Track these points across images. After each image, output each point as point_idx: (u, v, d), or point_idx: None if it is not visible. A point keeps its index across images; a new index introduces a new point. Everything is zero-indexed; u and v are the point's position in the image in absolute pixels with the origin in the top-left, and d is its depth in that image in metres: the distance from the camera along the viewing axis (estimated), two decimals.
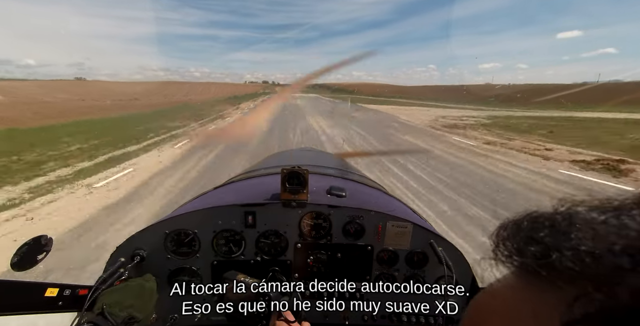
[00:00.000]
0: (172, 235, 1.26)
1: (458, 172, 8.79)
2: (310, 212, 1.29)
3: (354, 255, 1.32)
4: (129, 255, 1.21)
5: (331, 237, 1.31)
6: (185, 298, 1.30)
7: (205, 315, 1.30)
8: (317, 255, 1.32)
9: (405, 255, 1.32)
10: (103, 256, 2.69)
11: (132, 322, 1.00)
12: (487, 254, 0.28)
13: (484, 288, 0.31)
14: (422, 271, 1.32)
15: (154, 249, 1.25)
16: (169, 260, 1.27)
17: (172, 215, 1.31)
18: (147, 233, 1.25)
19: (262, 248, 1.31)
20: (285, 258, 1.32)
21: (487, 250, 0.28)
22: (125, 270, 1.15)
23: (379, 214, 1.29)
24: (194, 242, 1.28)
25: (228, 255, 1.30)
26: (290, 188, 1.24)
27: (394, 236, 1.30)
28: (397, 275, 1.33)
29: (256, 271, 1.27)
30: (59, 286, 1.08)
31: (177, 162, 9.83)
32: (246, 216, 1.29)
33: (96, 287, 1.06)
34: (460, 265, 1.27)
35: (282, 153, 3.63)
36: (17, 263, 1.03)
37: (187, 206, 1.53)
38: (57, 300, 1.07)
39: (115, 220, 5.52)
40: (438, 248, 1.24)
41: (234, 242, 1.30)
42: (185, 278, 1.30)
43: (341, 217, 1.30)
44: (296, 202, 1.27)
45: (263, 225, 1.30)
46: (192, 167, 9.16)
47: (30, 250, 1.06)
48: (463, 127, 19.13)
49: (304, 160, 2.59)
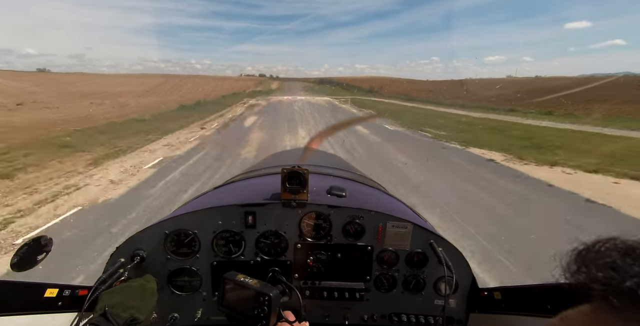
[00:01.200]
0: (172, 235, 1.26)
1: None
2: (311, 212, 1.29)
3: (354, 256, 1.32)
4: (128, 256, 1.21)
5: (331, 237, 1.31)
6: (185, 298, 1.30)
7: (205, 315, 1.30)
8: (317, 255, 1.32)
9: (406, 256, 1.31)
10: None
11: (134, 323, 1.00)
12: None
13: (557, 317, 0.29)
14: (422, 271, 1.32)
15: (154, 249, 1.25)
16: (168, 260, 1.27)
17: (171, 216, 1.31)
18: (147, 233, 1.25)
19: (262, 248, 1.31)
20: (285, 259, 1.32)
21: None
22: (125, 271, 1.15)
23: (379, 214, 1.29)
24: (193, 242, 1.28)
25: (228, 256, 1.30)
26: (290, 188, 1.24)
27: (394, 236, 1.30)
28: (397, 276, 1.33)
29: (256, 272, 1.27)
30: (59, 287, 1.08)
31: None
32: (246, 216, 1.28)
33: (96, 287, 1.06)
34: (460, 266, 1.26)
35: (282, 153, 3.63)
36: (17, 263, 1.03)
37: (187, 206, 1.53)
38: (57, 300, 1.07)
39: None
40: (438, 249, 1.24)
41: (234, 242, 1.30)
42: (185, 279, 1.30)
43: (341, 217, 1.29)
44: (296, 202, 1.27)
45: (263, 225, 1.30)
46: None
47: (30, 251, 1.06)
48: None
49: (304, 160, 2.59)
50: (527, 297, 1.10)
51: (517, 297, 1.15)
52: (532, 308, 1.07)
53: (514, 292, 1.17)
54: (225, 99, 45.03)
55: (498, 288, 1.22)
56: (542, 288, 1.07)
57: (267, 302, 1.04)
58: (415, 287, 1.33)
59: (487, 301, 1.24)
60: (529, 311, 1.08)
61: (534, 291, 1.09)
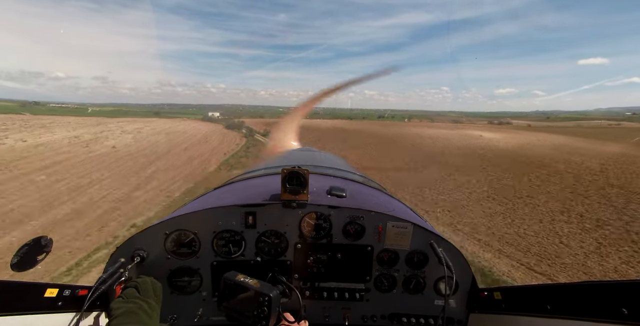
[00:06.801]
0: (172, 235, 1.26)
1: None
2: (311, 212, 1.29)
3: (354, 256, 1.32)
4: (129, 256, 1.21)
5: (331, 237, 1.31)
6: (185, 298, 1.30)
7: (205, 315, 1.30)
8: (317, 255, 1.32)
9: (406, 256, 1.31)
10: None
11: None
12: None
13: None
14: (422, 271, 1.32)
15: (154, 249, 1.25)
16: (169, 260, 1.27)
17: (172, 216, 1.31)
18: (147, 233, 1.25)
19: (262, 248, 1.31)
20: (285, 259, 1.32)
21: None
22: (125, 271, 1.15)
23: (379, 214, 1.29)
24: (194, 242, 1.28)
25: (228, 256, 1.30)
26: (290, 188, 1.24)
27: (394, 236, 1.30)
28: (397, 276, 1.33)
29: (256, 272, 1.26)
30: (59, 287, 1.08)
31: None
32: (246, 216, 1.28)
33: (96, 287, 1.06)
34: (460, 266, 1.27)
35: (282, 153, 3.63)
36: (17, 263, 1.03)
37: (187, 206, 1.53)
38: (57, 300, 1.06)
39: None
40: (438, 249, 1.24)
41: (234, 242, 1.30)
42: (185, 279, 1.30)
43: (341, 217, 1.29)
44: (296, 203, 1.26)
45: (263, 225, 1.29)
46: None
47: (30, 251, 1.06)
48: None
49: (304, 160, 2.59)
50: (527, 297, 1.10)
51: (517, 297, 1.15)
52: (532, 308, 1.07)
53: (514, 292, 1.17)
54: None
55: (498, 288, 1.22)
56: (542, 288, 1.07)
57: (267, 302, 1.04)
58: (416, 287, 1.33)
59: (487, 301, 1.24)
60: (529, 311, 1.08)
61: (534, 291, 1.09)
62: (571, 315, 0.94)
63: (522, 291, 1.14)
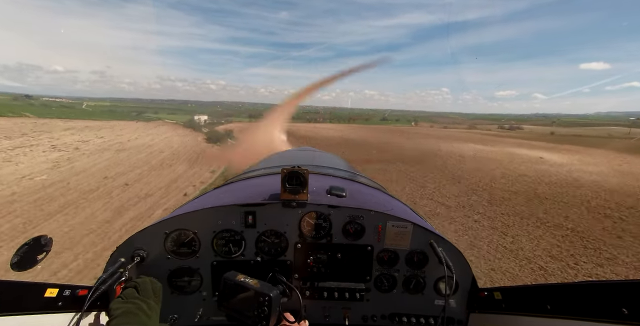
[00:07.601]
0: (172, 235, 1.26)
1: None
2: (311, 212, 1.29)
3: (354, 255, 1.32)
4: (129, 255, 1.21)
5: (331, 237, 1.31)
6: (185, 298, 1.30)
7: (205, 315, 1.30)
8: (317, 255, 1.32)
9: (406, 255, 1.31)
10: None
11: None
12: None
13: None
14: (422, 271, 1.32)
15: (154, 249, 1.25)
16: (169, 260, 1.27)
17: (172, 215, 1.30)
18: (147, 233, 1.25)
19: (262, 248, 1.31)
20: (285, 258, 1.32)
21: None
22: (125, 271, 1.14)
23: (379, 214, 1.29)
24: (194, 242, 1.28)
25: (228, 255, 1.30)
26: (290, 188, 1.24)
27: (394, 236, 1.30)
28: (397, 276, 1.33)
29: (256, 272, 1.26)
30: (59, 287, 1.08)
31: None
32: (246, 216, 1.28)
33: (96, 287, 1.05)
34: (460, 266, 1.26)
35: (282, 153, 3.63)
36: (17, 263, 1.03)
37: (187, 206, 1.53)
38: (57, 300, 1.06)
39: None
40: (438, 249, 1.24)
41: (234, 242, 1.30)
42: (185, 279, 1.30)
43: (341, 217, 1.29)
44: (296, 202, 1.26)
45: (263, 225, 1.29)
46: None
47: (30, 250, 1.06)
48: None
49: (304, 160, 2.59)
50: (527, 297, 1.10)
51: (517, 297, 1.15)
52: (532, 308, 1.07)
53: (514, 292, 1.17)
54: None
55: (498, 288, 1.22)
56: (542, 288, 1.07)
57: (267, 302, 1.04)
58: (416, 287, 1.33)
59: (487, 301, 1.24)
60: (529, 311, 1.08)
61: (534, 291, 1.09)
62: (571, 315, 0.94)
63: (522, 291, 1.14)
